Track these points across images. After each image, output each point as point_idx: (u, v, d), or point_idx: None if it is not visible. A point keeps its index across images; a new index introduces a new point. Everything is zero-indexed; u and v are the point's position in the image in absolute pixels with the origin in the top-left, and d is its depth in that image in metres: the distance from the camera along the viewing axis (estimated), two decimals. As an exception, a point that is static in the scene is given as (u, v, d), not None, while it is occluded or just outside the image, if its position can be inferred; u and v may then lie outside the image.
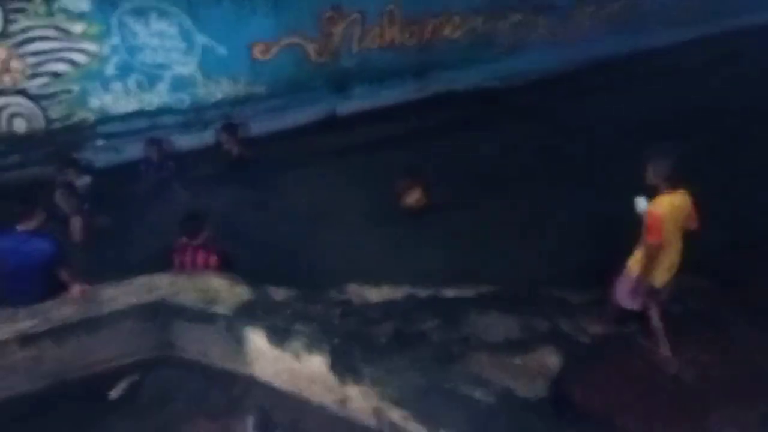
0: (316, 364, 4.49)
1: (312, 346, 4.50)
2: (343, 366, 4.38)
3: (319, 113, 8.67)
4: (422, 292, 5.25)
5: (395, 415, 4.23)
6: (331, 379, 4.45)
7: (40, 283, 5.02)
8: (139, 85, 7.78)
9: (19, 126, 7.46)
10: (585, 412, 4.01)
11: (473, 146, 8.14)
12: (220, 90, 8.20)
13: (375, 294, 5.27)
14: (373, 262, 6.17)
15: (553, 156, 7.94)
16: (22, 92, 7.33)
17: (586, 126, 8.51)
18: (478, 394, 3.82)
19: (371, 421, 4.41)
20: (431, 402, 4.00)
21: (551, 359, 4.35)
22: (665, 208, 4.38)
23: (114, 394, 4.97)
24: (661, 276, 4.55)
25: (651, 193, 4.48)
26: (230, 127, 7.74)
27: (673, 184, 4.39)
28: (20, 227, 4.99)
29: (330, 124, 8.65)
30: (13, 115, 7.39)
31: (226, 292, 5.08)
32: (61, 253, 5.08)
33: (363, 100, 8.85)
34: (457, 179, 7.47)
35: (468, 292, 5.16)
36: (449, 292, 5.05)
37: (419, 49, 9.22)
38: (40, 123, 7.48)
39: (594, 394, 4.18)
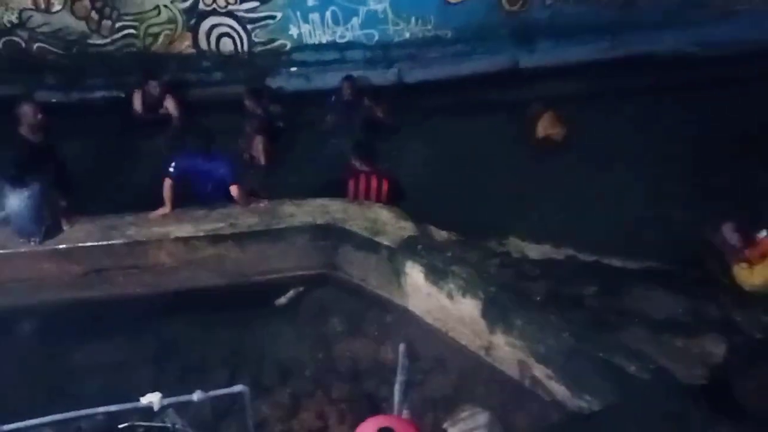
0: (468, 307, 4.61)
1: (466, 290, 4.61)
2: (495, 314, 4.45)
3: (501, 64, 8.49)
4: (584, 257, 5.12)
5: (539, 371, 4.26)
6: (481, 324, 4.55)
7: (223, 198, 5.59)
8: (335, 18, 8.12)
9: (225, 46, 8.15)
10: (744, 409, 3.76)
11: (658, 116, 7.58)
12: (408, 29, 8.30)
13: (535, 251, 5.22)
14: (536, 219, 6.10)
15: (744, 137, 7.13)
16: (231, 14, 7.98)
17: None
18: (632, 368, 3.73)
19: (513, 372, 4.48)
20: (580, 366, 3.97)
21: (716, 348, 4.09)
22: None
23: (281, 301, 5.49)
24: None
25: None
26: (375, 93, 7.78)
27: None
28: (200, 154, 5.56)
29: (511, 76, 8.46)
30: (221, 35, 8.09)
31: (392, 225, 5.30)
32: (235, 175, 5.57)
33: (549, 55, 8.49)
34: (633, 149, 7.03)
35: (634, 264, 4.95)
36: (614, 261, 4.88)
37: (619, 5, 8.65)
38: (244, 45, 8.14)
39: (757, 393, 3.89)
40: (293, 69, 8.33)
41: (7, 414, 2.98)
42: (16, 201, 4.86)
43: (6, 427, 2.65)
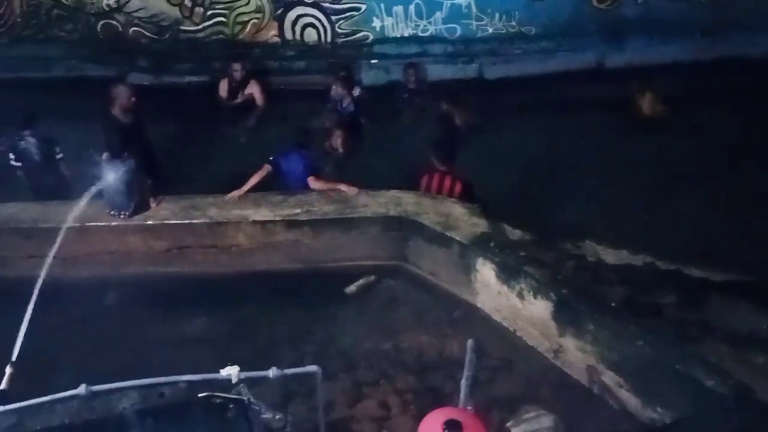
0: (539, 308, 4.54)
1: (538, 291, 4.55)
2: (567, 317, 4.37)
3: (588, 61, 8.29)
4: (663, 265, 4.93)
5: (609, 378, 4.16)
6: (551, 326, 4.48)
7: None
8: (418, 12, 8.15)
9: (309, 36, 8.32)
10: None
11: (751, 120, 7.19)
12: (491, 25, 8.23)
13: (612, 256, 5.06)
14: (613, 224, 5.92)
15: None
16: (317, 5, 8.13)
17: None
18: (709, 382, 3.58)
19: (581, 378, 4.40)
20: (654, 376, 3.85)
21: (801, 369, 3.87)
22: None
23: (350, 289, 5.57)
24: None
25: None
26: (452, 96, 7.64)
27: None
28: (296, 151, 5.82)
29: (596, 74, 8.23)
30: (306, 26, 8.26)
31: (465, 221, 5.28)
32: (312, 168, 5.86)
33: (639, 54, 8.22)
34: (722, 154, 6.71)
35: (717, 275, 4.73)
36: (695, 271, 4.68)
37: (715, 3, 8.27)
38: (327, 36, 8.28)
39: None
40: (374, 61, 8.41)
41: (94, 376, 3.16)
42: (111, 176, 5.12)
43: (95, 387, 2.82)
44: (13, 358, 3.21)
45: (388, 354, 5.01)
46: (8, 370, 3.18)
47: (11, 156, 5.61)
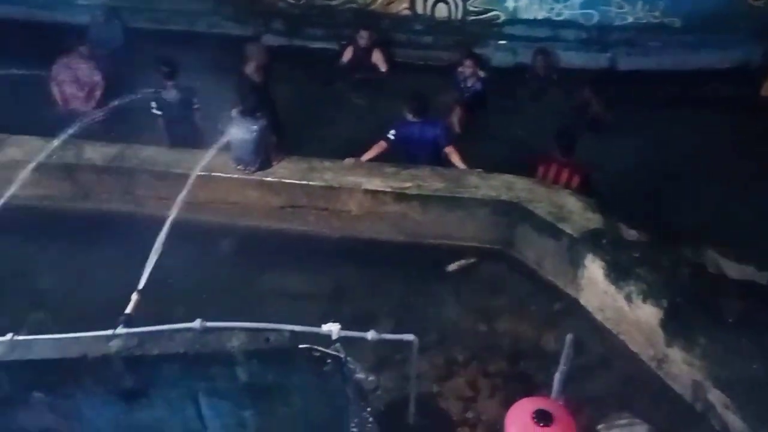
0: (647, 314, 4.35)
1: (649, 295, 4.36)
2: (677, 327, 4.16)
3: (732, 60, 7.69)
4: (795, 287, 4.58)
5: (715, 397, 3.93)
6: (658, 334, 4.29)
7: (431, 161, 5.81)
8: (556, -6, 7.92)
9: (440, 12, 8.27)
10: None
11: None
12: (632, 13, 7.82)
13: (734, 270, 4.74)
14: (741, 235, 5.52)
15: None
16: (454, -20, 8.06)
17: None
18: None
19: (684, 392, 4.18)
20: (766, 401, 3.60)
21: None
22: None
23: (452, 268, 5.58)
24: None
25: None
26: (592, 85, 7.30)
27: None
28: (414, 118, 5.76)
29: (741, 73, 7.63)
30: (437, 1, 8.21)
31: (579, 214, 5.13)
32: (449, 138, 5.86)
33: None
34: None
35: None
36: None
37: None
38: (458, 12, 8.20)
39: None
40: (502, 42, 8.24)
41: (206, 314, 3.40)
42: (241, 132, 5.38)
43: (209, 323, 3.04)
44: (140, 287, 3.52)
45: (482, 336, 5.00)
46: (134, 296, 3.49)
47: (153, 104, 6.02)
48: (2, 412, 3.26)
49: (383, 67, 7.87)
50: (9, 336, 3.16)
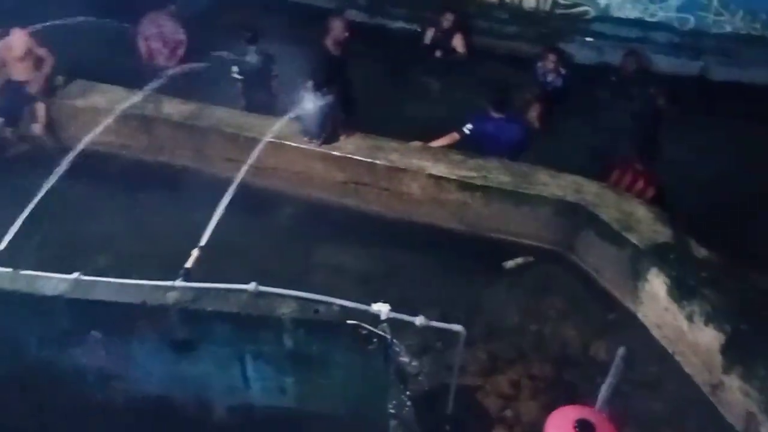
0: (708, 337, 4.17)
1: (712, 318, 4.17)
2: (738, 354, 3.98)
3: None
4: None
5: (769, 432, 3.76)
6: (717, 359, 4.11)
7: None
8: (652, -6, 7.59)
9: (527, 2, 8.06)
10: None
11: None
12: (731, 22, 7.44)
13: (811, 304, 4.50)
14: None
15: None
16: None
17: None
18: None
19: (736, 422, 4.01)
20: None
21: None
22: None
23: (509, 265, 5.49)
24: None
25: None
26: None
27: None
28: (494, 113, 5.60)
29: None
30: (532, -8, 8.02)
31: (647, 225, 4.94)
32: (528, 139, 5.74)
33: None
34: None
35: None
36: None
37: None
38: (546, 4, 7.97)
39: None
40: (588, 39, 7.98)
41: (260, 278, 3.46)
42: (312, 104, 5.42)
43: (263, 287, 3.10)
44: (202, 243, 3.60)
45: (530, 336, 4.92)
46: (195, 252, 3.58)
47: (234, 68, 6.12)
48: (61, 347, 3.43)
49: (463, 51, 7.74)
50: (75, 275, 3.30)
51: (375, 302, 3.32)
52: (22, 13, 6.27)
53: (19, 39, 5.96)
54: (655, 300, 4.62)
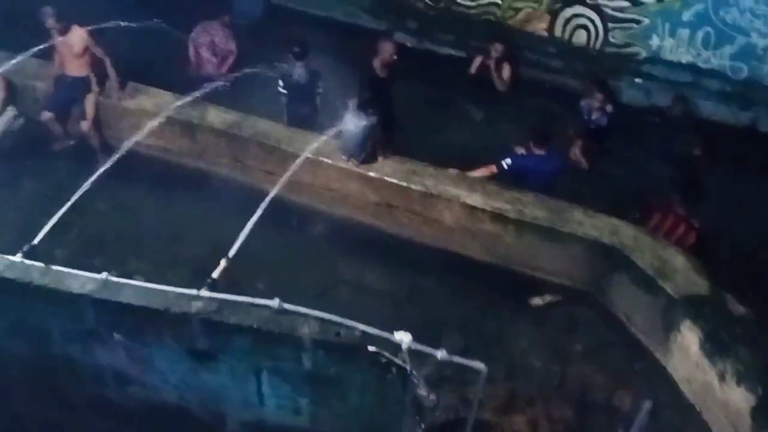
0: (739, 397, 4.03)
1: (745, 377, 4.03)
2: (768, 418, 3.82)
3: None
4: None
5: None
6: (747, 422, 3.96)
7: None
8: (705, 40, 7.40)
9: (579, 38, 7.97)
10: None
11: None
12: (788, 75, 7.27)
13: None
14: None
15: None
16: (597, 8, 7.74)
17: None
18: None
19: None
20: None
21: None
22: None
23: (536, 302, 5.40)
24: None
25: None
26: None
27: None
28: (535, 149, 5.55)
29: None
30: (578, 26, 7.93)
31: (683, 274, 4.81)
32: (563, 172, 5.71)
33: None
34: None
35: None
36: None
37: None
38: (597, 42, 7.88)
39: None
40: (637, 80, 7.87)
41: (284, 293, 3.45)
42: (354, 124, 5.42)
43: (286, 305, 3.08)
44: (231, 254, 3.61)
45: (552, 377, 4.84)
46: (223, 262, 3.58)
47: (280, 83, 6.18)
48: (84, 345, 3.46)
49: (508, 82, 7.70)
50: (104, 275, 3.34)
51: (394, 326, 3.28)
52: (83, 12, 6.43)
53: (78, 36, 6.12)
54: (686, 353, 4.48)
